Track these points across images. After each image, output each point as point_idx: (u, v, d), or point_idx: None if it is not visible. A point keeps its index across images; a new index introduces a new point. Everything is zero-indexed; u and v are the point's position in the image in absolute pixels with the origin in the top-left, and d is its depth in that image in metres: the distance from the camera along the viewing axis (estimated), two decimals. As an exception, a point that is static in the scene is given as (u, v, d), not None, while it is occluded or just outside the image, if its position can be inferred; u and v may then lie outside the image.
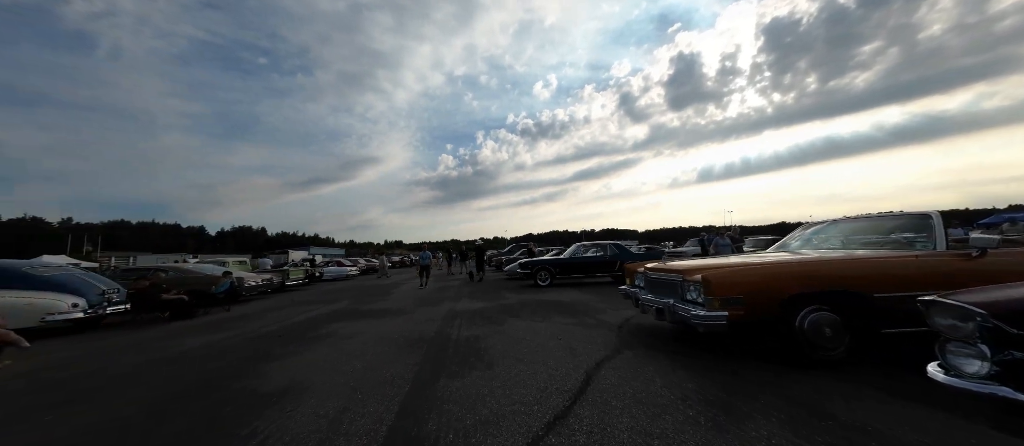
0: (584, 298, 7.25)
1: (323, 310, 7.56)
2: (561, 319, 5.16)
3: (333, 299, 9.58)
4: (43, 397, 3.08)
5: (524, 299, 7.55)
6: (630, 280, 4.75)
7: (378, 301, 8.62)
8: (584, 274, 9.88)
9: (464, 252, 19.16)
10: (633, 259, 9.66)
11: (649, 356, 3.31)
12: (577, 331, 4.39)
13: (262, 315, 7.40)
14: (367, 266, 25.33)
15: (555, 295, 7.97)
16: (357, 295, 10.31)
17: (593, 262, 9.81)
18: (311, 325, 5.87)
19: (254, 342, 4.82)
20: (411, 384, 2.91)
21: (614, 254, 9.80)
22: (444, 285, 12.05)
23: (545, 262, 9.94)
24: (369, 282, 15.97)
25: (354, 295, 10.35)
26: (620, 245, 10.19)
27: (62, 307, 6.17)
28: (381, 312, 6.83)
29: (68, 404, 2.89)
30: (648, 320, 4.72)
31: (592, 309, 5.89)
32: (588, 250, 10.20)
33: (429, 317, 5.94)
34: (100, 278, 7.55)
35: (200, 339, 5.16)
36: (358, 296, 10.00)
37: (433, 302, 7.86)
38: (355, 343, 4.37)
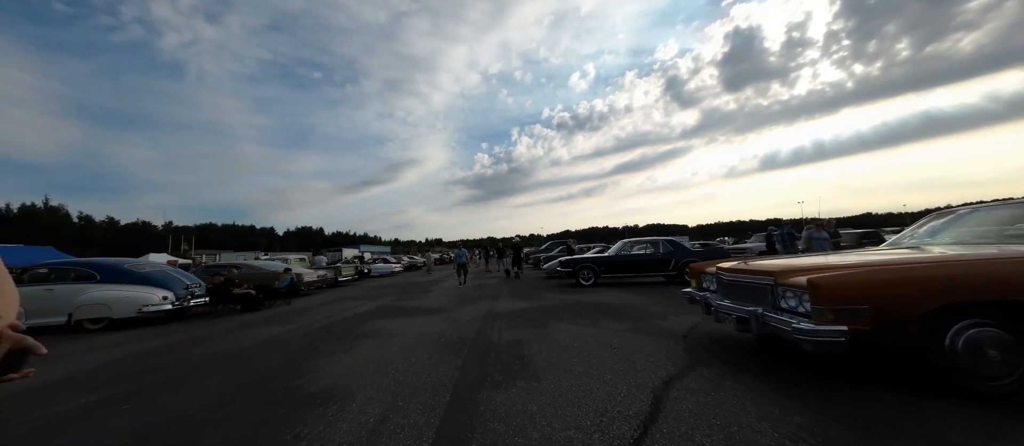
0: (635, 300, 6.60)
1: (369, 306, 7.79)
2: (612, 324, 4.65)
3: (378, 295, 9.92)
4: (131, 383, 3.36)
5: (566, 300, 7.10)
6: (696, 282, 4.10)
7: (419, 298, 8.71)
8: (632, 273, 9.12)
9: (501, 249, 19.08)
10: (690, 257, 8.70)
11: (731, 376, 2.72)
12: (634, 340, 3.87)
13: (316, 309, 7.82)
14: (409, 263, 26.41)
15: (601, 296, 7.39)
16: (400, 292, 10.59)
17: (644, 260, 9.01)
18: (358, 321, 5.99)
19: (306, 337, 4.98)
20: (452, 393, 2.67)
21: (668, 252, 8.90)
22: (482, 283, 11.96)
23: (588, 260, 9.36)
24: (411, 278, 16.52)
25: (397, 292, 10.64)
26: (675, 241, 9.24)
27: (155, 300, 7.00)
28: (422, 310, 6.82)
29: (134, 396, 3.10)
30: (720, 329, 4.04)
31: (647, 313, 5.27)
32: (637, 247, 9.41)
33: (469, 317, 5.76)
34: (185, 274, 8.53)
35: (261, 333, 5.49)
36: (401, 293, 10.26)
37: (472, 300, 7.73)
38: (396, 343, 4.29)
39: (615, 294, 7.60)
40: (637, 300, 6.58)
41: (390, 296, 9.51)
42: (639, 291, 7.94)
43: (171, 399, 2.94)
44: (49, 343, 4.48)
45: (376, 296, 9.69)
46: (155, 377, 3.51)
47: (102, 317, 6.49)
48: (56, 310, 6.37)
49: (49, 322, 6.29)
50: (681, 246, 9.15)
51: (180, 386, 3.23)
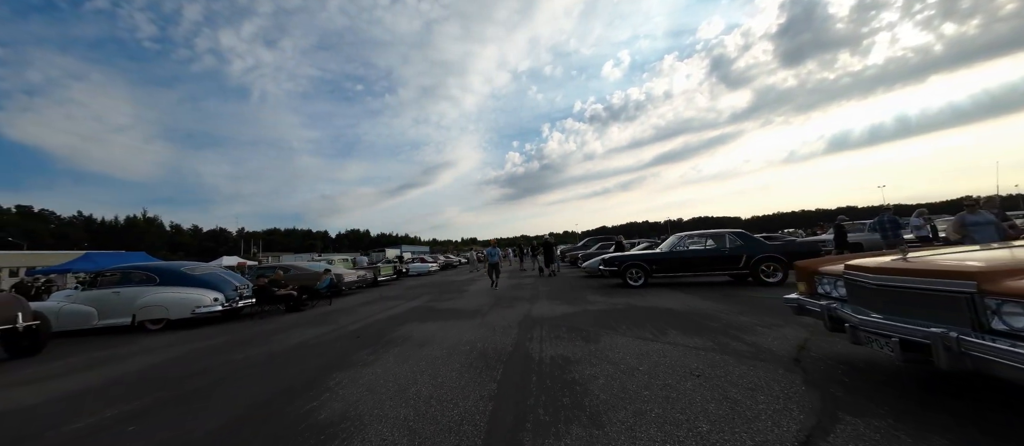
0: (703, 305, 5.49)
1: (402, 308, 7.49)
2: (684, 339, 3.70)
3: (414, 295, 9.70)
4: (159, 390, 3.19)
5: (615, 304, 6.16)
6: (806, 286, 3.04)
7: (453, 299, 8.28)
8: (691, 272, 7.87)
9: (535, 247, 18.33)
10: (766, 252, 7.26)
11: (912, 435, 1.74)
12: (724, 364, 2.92)
13: (353, 310, 7.71)
14: (446, 262, 26.66)
15: (657, 299, 6.34)
16: (436, 292, 10.31)
17: (707, 257, 7.71)
18: (389, 325, 5.63)
19: (337, 343, 4.69)
20: (484, 439, 2.01)
21: (737, 246, 7.52)
22: (517, 282, 11.32)
23: (637, 257, 8.26)
24: (447, 278, 16.39)
25: (433, 292, 10.37)
26: (745, 234, 7.79)
27: (206, 301, 7.30)
28: (455, 313, 6.32)
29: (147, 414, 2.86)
30: (846, 349, 2.96)
31: (726, 324, 4.21)
32: (696, 241, 8.11)
33: (505, 323, 5.11)
34: (236, 276, 8.93)
35: (295, 337, 5.33)
36: (436, 293, 9.96)
37: (508, 303, 7.09)
38: (425, 355, 3.75)
39: (674, 296, 6.49)
40: (706, 305, 5.47)
41: (426, 296, 9.23)
42: (703, 293, 6.74)
43: (179, 420, 2.64)
44: (110, 344, 4.14)
45: (412, 296, 9.47)
46: (178, 389, 3.31)
47: (161, 318, 6.86)
48: (122, 311, 6.84)
49: (116, 323, 6.77)
50: (754, 239, 7.68)
51: (194, 403, 2.96)
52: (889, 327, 2.06)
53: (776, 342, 3.36)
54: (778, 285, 6.99)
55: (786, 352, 3.08)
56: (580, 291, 8.27)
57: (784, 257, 7.11)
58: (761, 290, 6.72)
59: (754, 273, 7.27)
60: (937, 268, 1.96)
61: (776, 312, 4.73)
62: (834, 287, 2.80)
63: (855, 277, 2.45)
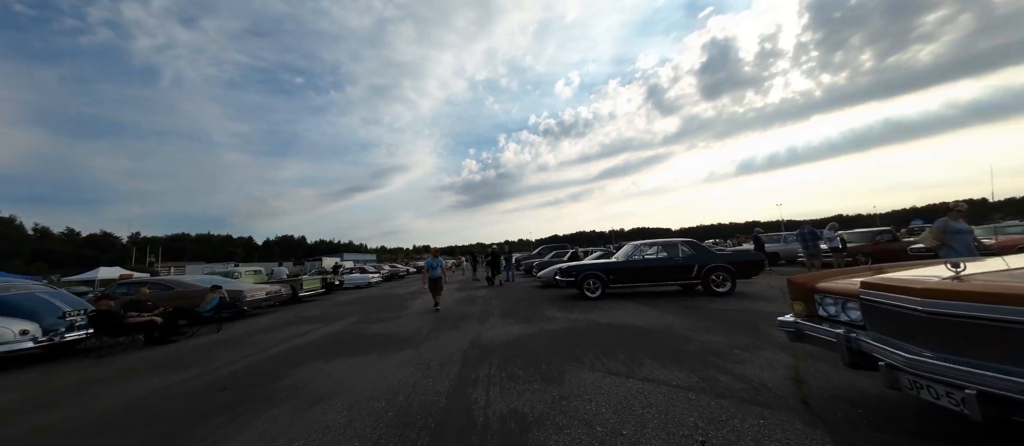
0: (666, 320, 5.03)
1: (316, 334, 5.94)
2: (662, 372, 3.02)
3: (339, 315, 8.05)
4: None
5: (574, 320, 5.47)
6: (804, 307, 2.54)
7: (388, 320, 6.91)
8: (647, 282, 7.58)
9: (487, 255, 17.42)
10: (716, 261, 7.23)
11: None
12: (723, 415, 2.24)
13: (245, 340, 5.92)
14: (391, 272, 24.33)
15: (618, 313, 5.80)
16: (369, 309, 8.74)
17: (662, 267, 7.48)
18: (282, 364, 4.18)
19: (184, 400, 3.17)
20: None
21: (689, 256, 7.42)
22: (468, 295, 10.23)
23: (595, 267, 7.78)
24: (389, 290, 14.58)
25: (365, 310, 8.78)
26: (696, 244, 7.76)
27: (7, 335, 5.01)
28: (384, 341, 5.05)
29: None
30: (836, 375, 2.50)
31: (701, 346, 3.68)
32: (651, 250, 7.89)
33: (445, 354, 4.04)
34: (68, 297, 6.48)
35: (136, 387, 3.65)
36: (369, 311, 8.42)
37: (453, 322, 6.00)
38: (312, 422, 2.54)
39: (634, 309, 6.02)
40: (669, 320, 5.01)
41: (353, 317, 7.67)
42: (660, 304, 6.40)
43: None
44: None
45: (336, 317, 7.82)
46: None
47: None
48: None
49: None
50: (704, 249, 7.69)
51: None
52: (959, 373, 1.52)
53: (766, 372, 2.83)
54: (727, 295, 6.97)
55: (784, 388, 2.54)
56: (536, 304, 7.50)
57: (732, 267, 7.14)
58: (713, 300, 6.60)
59: (705, 283, 7.19)
60: (1020, 293, 1.46)
61: (739, 325, 4.42)
62: (842, 309, 2.33)
63: (883, 300, 1.94)
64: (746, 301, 6.31)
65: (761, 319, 4.74)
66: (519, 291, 10.45)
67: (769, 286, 7.96)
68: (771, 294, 6.99)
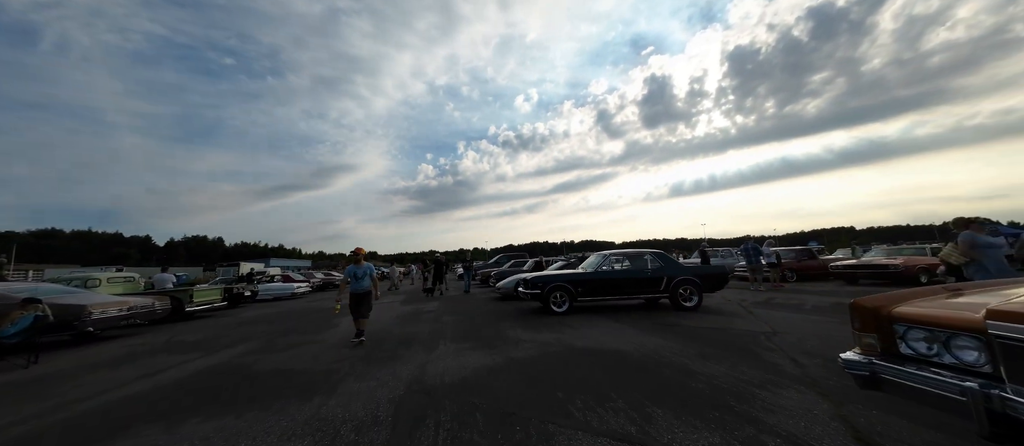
0: (650, 342, 4.33)
1: (181, 371, 4.11)
2: (686, 432, 2.15)
3: (233, 339, 6.08)
4: None
5: (546, 342, 4.53)
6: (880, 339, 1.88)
7: (299, 346, 5.26)
8: (616, 295, 6.98)
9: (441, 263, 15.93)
10: (684, 274, 6.91)
11: None
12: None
13: (59, 382, 3.87)
14: (325, 281, 21.25)
15: (592, 331, 5.00)
16: (278, 330, 6.84)
17: (631, 279, 6.95)
18: (82, 438, 2.52)
19: None
20: None
21: (658, 268, 7.00)
22: (416, 309, 8.77)
23: (563, 279, 6.99)
24: (315, 304, 12.29)
25: (273, 331, 6.87)
26: (665, 256, 7.43)
27: None
28: (279, 383, 3.52)
29: None
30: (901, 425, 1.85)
31: (710, 381, 2.95)
32: (620, 261, 7.35)
33: (368, 409, 2.74)
34: None
35: None
36: (277, 332, 6.55)
37: (391, 350, 4.64)
38: None
39: (608, 328, 5.28)
40: (654, 342, 4.32)
41: (251, 342, 5.80)
42: (632, 321, 5.79)
43: None
44: None
45: (227, 342, 5.87)
46: None
47: None
48: None
49: None
50: (672, 261, 7.39)
51: None
52: None
53: (813, 427, 2.13)
54: (694, 309, 6.66)
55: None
56: (497, 321, 6.42)
57: (699, 281, 6.88)
58: (684, 315, 6.20)
59: (672, 296, 6.82)
60: None
61: (731, 350, 3.91)
62: (943, 348, 1.69)
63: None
64: (716, 317, 5.99)
65: (748, 340, 4.28)
66: (476, 304, 9.27)
67: (725, 299, 7.95)
68: (730, 308, 6.85)
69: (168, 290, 9.68)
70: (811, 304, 6.94)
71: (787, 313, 6.11)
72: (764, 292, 9.21)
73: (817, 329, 4.76)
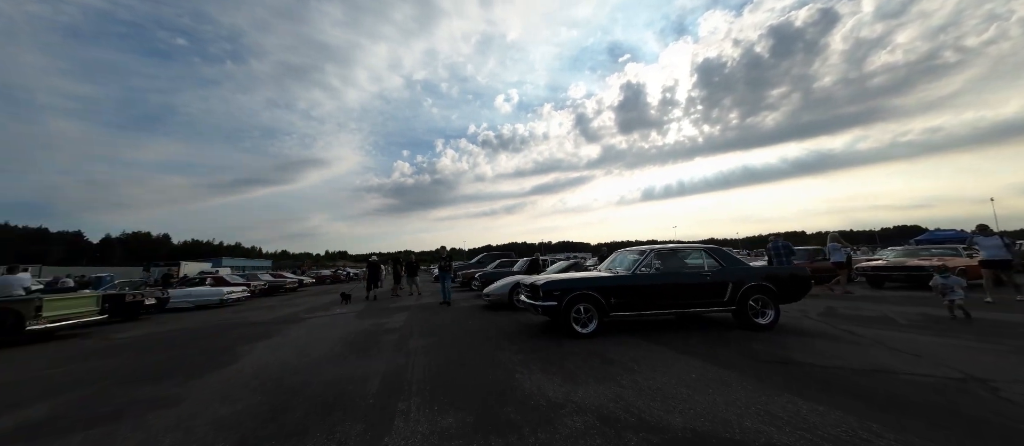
0: (798, 409, 2.25)
1: None
2: None
3: (39, 392, 3.40)
4: None
5: (599, 408, 2.35)
6: None
7: (134, 412, 2.74)
8: (661, 307, 4.91)
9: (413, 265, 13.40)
10: (754, 280, 4.97)
11: None
12: None
13: None
14: (273, 283, 17.92)
15: (665, 379, 2.88)
16: (136, 370, 4.19)
17: (683, 286, 4.91)
18: None
19: None
20: None
21: (719, 270, 5.00)
22: (376, 326, 6.30)
23: (588, 285, 4.81)
24: (245, 315, 9.40)
25: (129, 370, 4.21)
26: (723, 252, 5.45)
27: None
28: None
29: None
30: None
31: None
32: (664, 260, 5.25)
33: None
34: None
35: None
36: (131, 374, 3.92)
37: (295, 431, 2.28)
38: None
39: (683, 368, 3.19)
40: (802, 409, 2.26)
41: (59, 396, 3.18)
42: (708, 350, 3.75)
43: None
44: None
45: (8, 403, 3.19)
46: None
47: None
48: None
49: None
50: (735, 259, 5.42)
51: None
52: None
53: None
54: (769, 328, 4.75)
55: None
56: (494, 350, 4.16)
57: (774, 287, 4.98)
58: (769, 340, 4.26)
59: (740, 310, 4.87)
60: None
61: (951, 427, 1.84)
62: None
63: None
64: (815, 341, 4.10)
65: (951, 400, 2.32)
66: (459, 317, 6.92)
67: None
68: (809, 324, 5.01)
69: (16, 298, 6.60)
70: (908, 318, 5.23)
71: (908, 333, 4.32)
72: (823, 299, 7.51)
73: (1007, 363, 2.91)
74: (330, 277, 27.34)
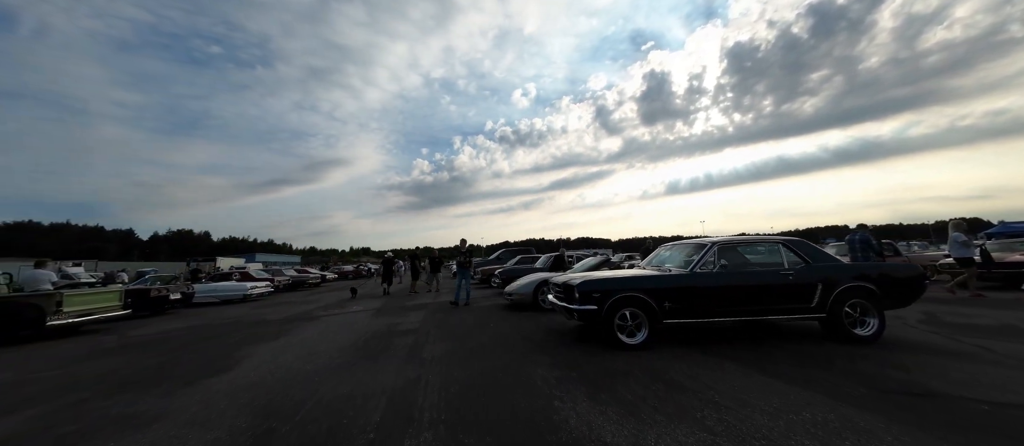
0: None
1: None
2: None
3: (27, 397, 3.04)
4: None
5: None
6: None
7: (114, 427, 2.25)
8: (729, 313, 3.98)
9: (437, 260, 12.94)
10: (850, 277, 3.94)
11: None
12: None
13: None
14: (297, 278, 18.14)
15: (765, 422, 2.05)
16: (135, 372, 3.80)
17: (756, 287, 3.96)
18: None
19: None
20: None
21: (803, 267, 4.01)
22: (389, 326, 5.76)
23: (634, 285, 3.96)
24: (262, 312, 9.24)
25: (127, 371, 3.83)
26: (807, 245, 4.41)
27: None
28: None
29: None
30: None
31: None
32: (730, 256, 4.28)
33: None
34: None
35: None
36: (127, 378, 3.52)
37: None
38: None
39: (785, 398, 2.34)
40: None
41: (64, 398, 2.76)
42: (824, 375, 2.85)
43: None
44: None
45: None
46: None
47: None
48: None
49: None
50: (823, 254, 4.34)
51: None
52: None
53: None
54: (872, 341, 3.73)
55: None
56: (518, 361, 3.44)
57: (877, 288, 3.92)
58: (875, 357, 3.27)
59: (833, 317, 3.87)
60: None
61: None
62: None
63: None
64: (955, 361, 3.07)
65: None
66: (479, 319, 6.26)
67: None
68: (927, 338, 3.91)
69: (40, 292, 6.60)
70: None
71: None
72: (946, 303, 6.08)
73: None
74: (352, 272, 27.71)
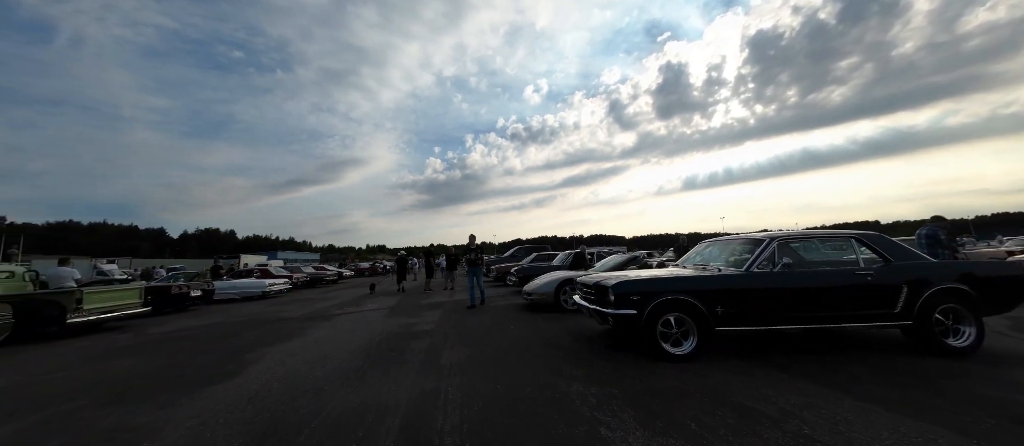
0: None
1: None
2: None
3: (23, 400, 2.85)
4: None
5: None
6: None
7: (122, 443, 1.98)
8: (793, 320, 3.41)
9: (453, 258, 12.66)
10: (943, 279, 3.30)
11: None
12: None
13: None
14: (315, 275, 18.31)
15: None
16: (137, 375, 3.60)
17: (827, 289, 3.38)
18: None
19: None
20: None
21: (883, 267, 3.38)
22: (405, 328, 5.45)
23: (681, 286, 3.44)
24: (278, 310, 9.17)
25: (129, 374, 3.63)
26: (886, 240, 3.77)
27: None
28: None
29: None
30: None
31: None
32: (794, 252, 3.67)
33: None
34: None
35: None
36: (131, 378, 3.31)
37: None
38: None
39: (905, 441, 1.81)
40: None
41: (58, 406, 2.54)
42: (914, 399, 2.30)
43: None
44: None
45: None
46: None
47: None
48: None
49: None
50: (907, 251, 3.65)
51: None
52: None
53: None
54: (968, 353, 3.10)
55: None
56: (547, 371, 3.00)
57: (975, 292, 3.27)
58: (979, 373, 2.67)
59: (923, 325, 3.24)
60: None
61: None
62: None
63: None
64: None
65: None
66: (497, 319, 5.87)
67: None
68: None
69: (62, 290, 6.67)
70: None
71: None
72: None
73: None
74: (369, 270, 27.95)
